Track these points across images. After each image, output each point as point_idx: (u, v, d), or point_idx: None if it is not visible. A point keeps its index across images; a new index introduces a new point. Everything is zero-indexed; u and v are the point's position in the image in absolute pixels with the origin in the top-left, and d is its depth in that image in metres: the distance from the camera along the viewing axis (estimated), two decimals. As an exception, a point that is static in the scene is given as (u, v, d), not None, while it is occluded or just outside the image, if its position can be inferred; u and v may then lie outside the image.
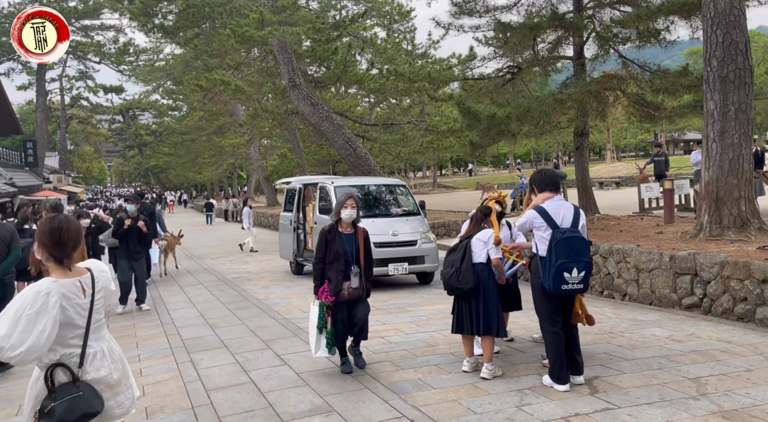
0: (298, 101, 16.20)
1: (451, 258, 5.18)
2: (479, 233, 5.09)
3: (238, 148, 27.27)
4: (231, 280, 11.34)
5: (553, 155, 53.48)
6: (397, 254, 9.43)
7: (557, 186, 4.81)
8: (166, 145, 56.29)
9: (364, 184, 10.44)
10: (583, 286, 4.52)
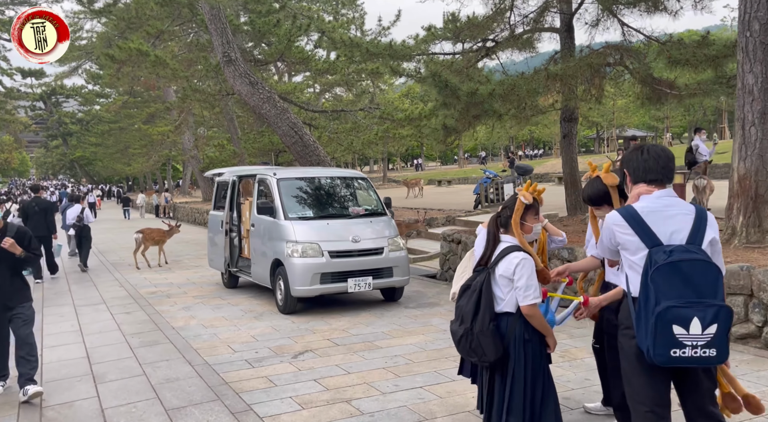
0: (234, 79, 13.81)
1: (461, 306, 3.20)
2: (503, 260, 3.11)
3: (167, 137, 24.34)
4: (144, 297, 8.95)
5: (507, 149, 52.66)
6: (358, 266, 7.38)
7: (667, 174, 2.84)
8: (92, 135, 51.83)
9: (316, 177, 8.32)
10: (716, 352, 2.60)
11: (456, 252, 9.95)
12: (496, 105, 8.11)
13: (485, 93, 8.14)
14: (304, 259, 7.20)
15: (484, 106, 8.12)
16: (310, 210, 7.84)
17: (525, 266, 3.04)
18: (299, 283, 7.15)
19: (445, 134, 9.04)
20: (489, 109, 8.13)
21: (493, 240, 3.23)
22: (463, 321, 3.12)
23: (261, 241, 8.06)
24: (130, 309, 8.09)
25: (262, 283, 8.21)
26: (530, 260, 3.09)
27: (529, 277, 3.03)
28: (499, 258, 3.13)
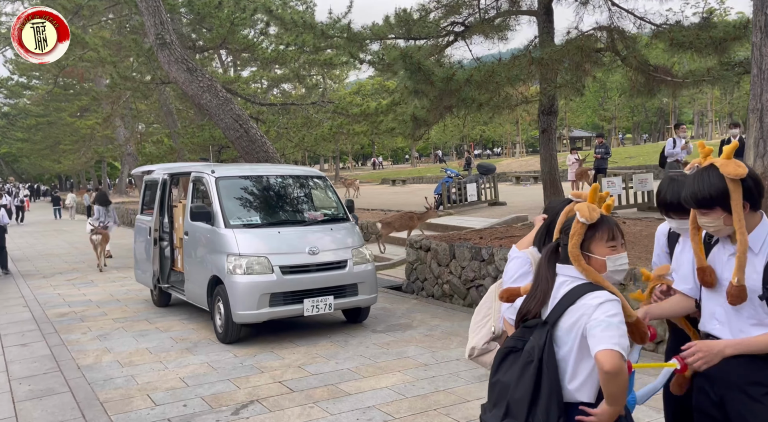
0: (170, 65, 12.15)
1: (504, 386, 1.96)
2: (572, 308, 1.93)
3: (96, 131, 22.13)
4: (51, 320, 7.33)
5: (460, 148, 52.11)
6: (317, 283, 6.08)
7: None
8: (18, 130, 47.95)
9: (264, 175, 6.94)
10: None
11: (425, 260, 8.80)
12: (474, 93, 6.98)
13: (462, 78, 7.00)
14: (249, 277, 5.84)
15: (461, 94, 6.98)
16: (257, 215, 6.48)
17: (609, 307, 1.87)
18: (243, 306, 5.79)
19: (415, 126, 7.86)
20: (466, 98, 7.00)
21: (549, 276, 2.03)
22: (510, 414, 1.89)
23: (196, 253, 6.64)
24: (29, 339, 6.48)
25: (197, 304, 6.78)
26: (617, 302, 1.91)
27: (616, 320, 1.85)
28: (566, 306, 1.93)
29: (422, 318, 6.88)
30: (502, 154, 54.68)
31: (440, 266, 8.51)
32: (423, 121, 7.84)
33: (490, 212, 14.15)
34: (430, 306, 7.57)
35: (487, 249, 7.60)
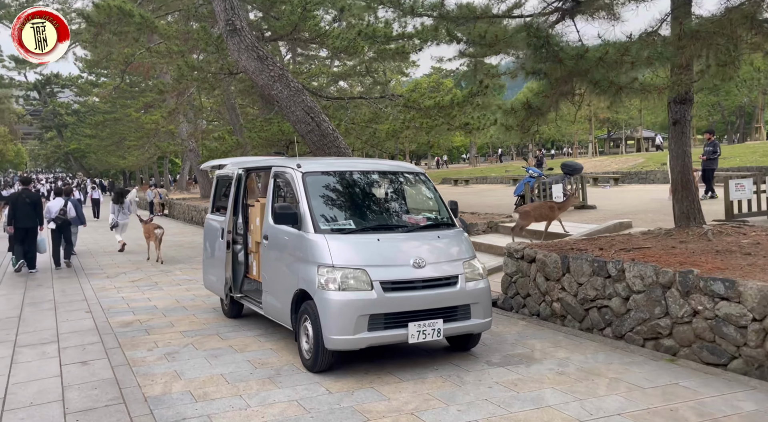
0: (240, 53, 11.38)
1: None
2: None
3: (160, 126, 21.91)
4: (115, 331, 6.55)
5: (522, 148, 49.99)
6: (424, 303, 4.98)
7: None
8: (87, 126, 49.49)
9: (356, 171, 5.91)
10: None
11: (528, 273, 7.57)
12: (612, 74, 5.70)
13: (593, 57, 5.75)
14: (344, 294, 4.81)
15: (593, 75, 5.73)
16: (351, 218, 5.43)
17: None
18: (337, 330, 4.76)
19: (527, 115, 6.65)
20: (601, 80, 5.74)
21: None
22: None
23: (278, 261, 5.67)
24: (90, 355, 5.68)
25: (277, 321, 5.82)
26: None
27: None
28: None
29: (542, 347, 5.67)
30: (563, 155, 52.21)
31: (549, 281, 7.25)
32: (537, 110, 6.61)
33: (582, 216, 12.70)
34: (545, 331, 6.34)
35: (615, 264, 6.30)
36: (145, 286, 9.49)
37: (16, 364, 5.41)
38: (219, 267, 7.00)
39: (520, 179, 29.13)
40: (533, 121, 6.83)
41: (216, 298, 8.09)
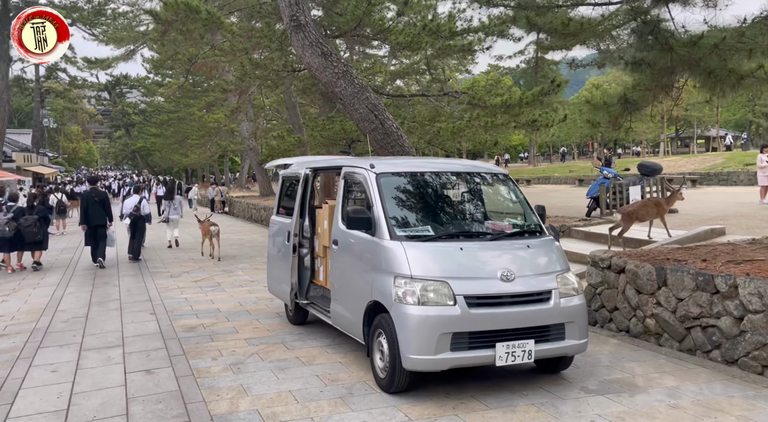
0: (304, 49, 11.11)
1: None
2: None
3: (222, 125, 22.15)
4: (179, 336, 6.34)
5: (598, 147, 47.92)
6: (513, 321, 4.44)
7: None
8: (152, 125, 51.38)
9: (434, 171, 5.42)
10: None
11: (615, 284, 6.87)
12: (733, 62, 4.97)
13: (708, 44, 5.04)
14: (424, 308, 4.34)
15: (709, 63, 5.01)
16: (430, 224, 4.95)
17: None
18: (417, 348, 4.29)
19: (623, 110, 5.97)
20: (716, 69, 5.01)
21: None
22: None
23: (349, 269, 5.26)
24: (155, 362, 5.45)
25: (346, 332, 5.42)
26: None
27: None
28: None
29: (643, 371, 5.01)
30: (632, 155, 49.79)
31: (641, 294, 6.53)
32: (634, 104, 5.93)
33: (664, 221, 11.73)
34: (642, 351, 5.66)
35: (725, 279, 5.54)
36: (207, 287, 9.36)
37: (81, 370, 5.24)
38: (284, 272, 6.68)
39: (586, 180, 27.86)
40: (627, 116, 6.12)
41: (278, 302, 7.81)
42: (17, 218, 11.09)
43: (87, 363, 5.43)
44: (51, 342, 6.18)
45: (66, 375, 5.09)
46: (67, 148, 74.29)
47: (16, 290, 9.36)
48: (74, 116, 69.51)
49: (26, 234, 11.07)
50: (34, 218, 11.13)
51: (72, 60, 43.18)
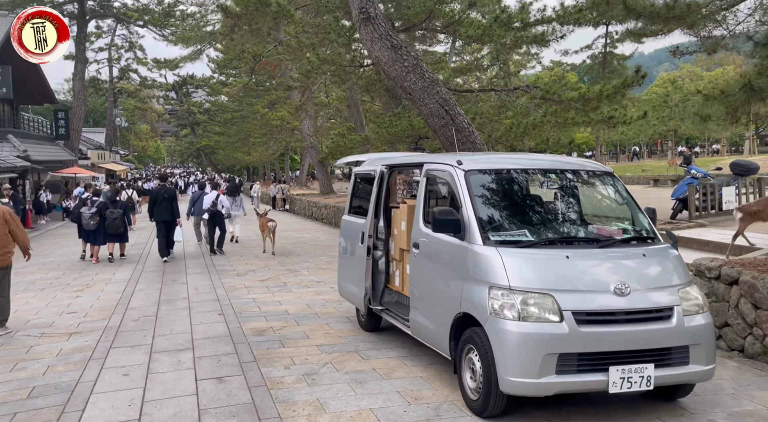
0: (373, 42, 10.73)
1: None
2: None
3: (286, 122, 22.18)
4: (249, 339, 6.07)
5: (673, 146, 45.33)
6: (629, 341, 3.85)
7: None
8: (216, 124, 52.80)
9: (531, 169, 4.88)
10: None
11: (726, 297, 6.08)
12: None
13: None
14: (525, 325, 3.82)
15: None
16: (527, 228, 4.41)
17: None
18: (517, 371, 3.78)
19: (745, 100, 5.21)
20: None
21: None
22: None
23: (433, 276, 4.79)
24: (226, 369, 5.18)
25: (428, 344, 4.96)
26: None
27: None
28: None
29: (778, 404, 4.28)
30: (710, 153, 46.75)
31: (759, 309, 5.73)
32: (759, 92, 5.14)
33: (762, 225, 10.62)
34: None
35: None
36: (274, 287, 9.13)
37: (152, 375, 5.03)
38: (357, 275, 6.29)
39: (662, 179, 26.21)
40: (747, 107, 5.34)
41: (348, 305, 7.45)
42: (101, 212, 11.68)
43: (158, 367, 5.22)
44: (122, 343, 6.05)
45: (137, 380, 4.88)
46: (137, 146, 77.59)
47: (90, 286, 9.46)
48: (144, 115, 72.43)
49: (110, 226, 11.69)
50: (119, 211, 11.78)
51: (143, 61, 44.87)
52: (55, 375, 5.09)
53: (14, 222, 6.53)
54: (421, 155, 6.16)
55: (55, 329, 6.73)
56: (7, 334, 6.51)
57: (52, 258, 12.90)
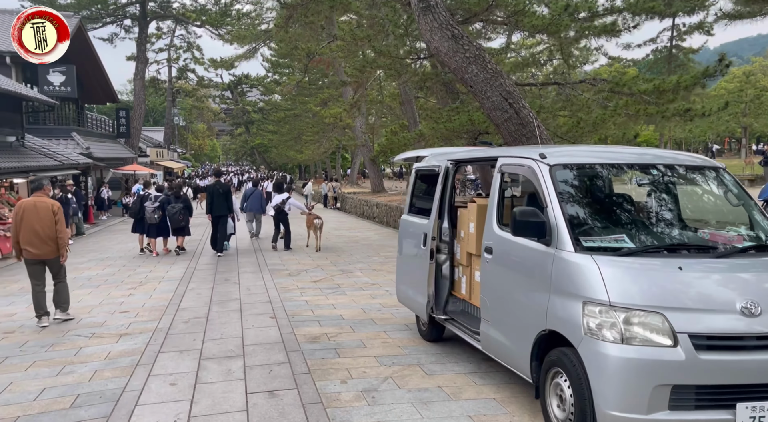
0: (432, 32, 10.17)
1: None
2: None
3: (339, 119, 21.88)
4: (302, 347, 5.65)
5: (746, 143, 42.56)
6: (761, 373, 3.16)
7: None
8: (270, 123, 53.54)
9: (625, 163, 4.21)
10: None
11: None
12: None
13: None
14: (630, 349, 3.19)
15: None
16: (627, 233, 3.76)
17: None
18: (620, 403, 3.16)
19: None
20: None
21: None
22: None
23: (510, 285, 4.21)
24: (278, 381, 4.76)
25: (504, 363, 4.37)
26: None
27: None
28: None
29: None
30: None
31: None
32: None
33: None
34: None
35: None
36: (327, 289, 8.72)
37: (200, 385, 4.66)
38: (418, 281, 5.77)
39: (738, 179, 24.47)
40: None
41: (405, 310, 6.96)
42: (164, 207, 12.15)
43: (206, 377, 4.85)
44: (171, 347, 5.74)
45: (184, 391, 4.53)
46: (194, 145, 79.75)
47: (143, 283, 9.33)
48: (200, 114, 74.35)
49: (172, 220, 12.15)
50: (180, 206, 12.17)
51: (200, 61, 45.87)
52: (102, 381, 4.81)
53: (61, 217, 6.75)
54: (490, 149, 5.56)
55: (106, 329, 6.53)
56: (66, 322, 6.89)
57: (110, 254, 12.99)
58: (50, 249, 6.64)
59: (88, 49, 26.88)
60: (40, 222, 6.54)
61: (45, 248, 6.60)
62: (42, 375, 5.04)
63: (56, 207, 6.71)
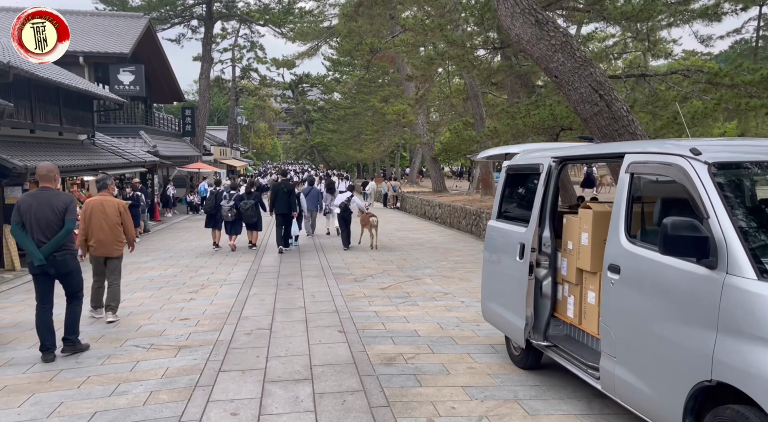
0: (513, 18, 9.25)
1: None
2: None
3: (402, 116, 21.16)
4: (376, 371, 4.95)
5: None
6: None
7: None
8: (329, 121, 53.60)
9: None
10: None
11: None
12: None
13: None
14: None
15: None
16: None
17: None
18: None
19: None
20: None
21: None
22: None
23: (652, 317, 3.32)
24: (352, 417, 4.05)
25: (637, 411, 3.48)
26: None
27: None
28: None
29: None
30: None
31: None
32: None
33: None
34: None
35: None
36: (397, 298, 8.01)
37: (264, 416, 4.03)
38: (513, 299, 4.93)
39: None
40: None
41: (488, 327, 6.17)
42: (237, 204, 12.45)
43: (271, 406, 4.22)
44: (233, 365, 5.17)
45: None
46: (256, 143, 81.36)
47: (204, 287, 8.94)
48: (262, 113, 75.67)
49: (245, 217, 12.51)
50: (252, 202, 12.46)
51: (263, 60, 46.35)
52: (157, 406, 4.27)
53: (126, 216, 6.84)
54: (610, 144, 4.64)
55: (165, 340, 6.06)
56: (114, 324, 6.67)
57: (173, 253, 12.82)
58: (114, 248, 6.80)
59: (157, 49, 27.39)
60: (107, 220, 6.71)
61: (110, 247, 6.77)
62: (94, 394, 4.56)
63: (123, 206, 6.80)
